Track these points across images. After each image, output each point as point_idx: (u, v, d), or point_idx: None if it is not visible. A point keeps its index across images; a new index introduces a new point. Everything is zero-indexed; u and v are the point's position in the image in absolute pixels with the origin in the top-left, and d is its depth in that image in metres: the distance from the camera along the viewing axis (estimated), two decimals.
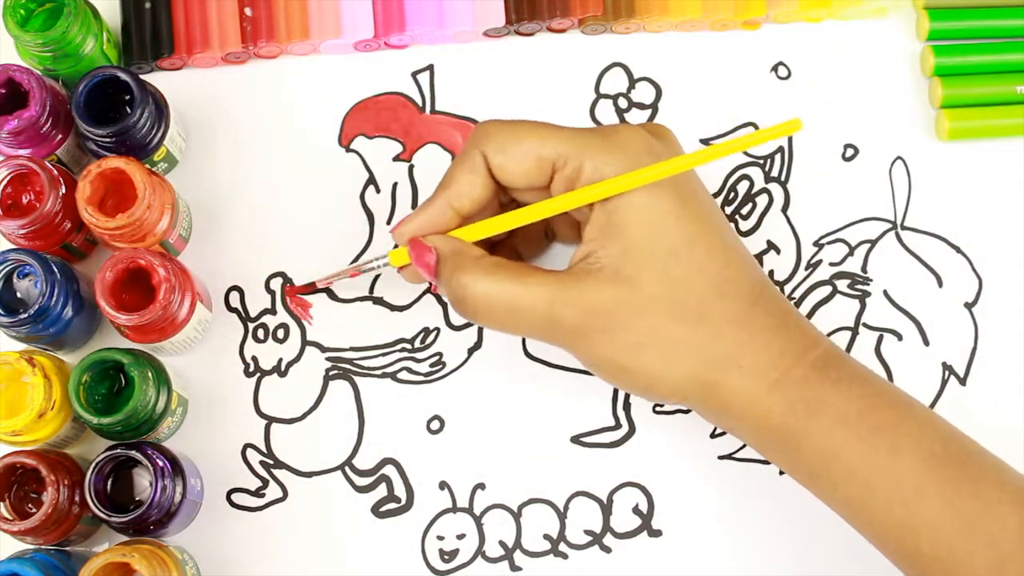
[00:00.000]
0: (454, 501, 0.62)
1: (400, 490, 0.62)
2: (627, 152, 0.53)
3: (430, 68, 0.65)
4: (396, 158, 0.65)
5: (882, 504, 0.52)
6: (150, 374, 0.57)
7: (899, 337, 0.63)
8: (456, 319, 0.63)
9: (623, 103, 0.65)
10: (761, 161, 0.65)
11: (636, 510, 0.62)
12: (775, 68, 0.66)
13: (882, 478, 0.52)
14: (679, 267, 0.53)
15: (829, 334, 0.63)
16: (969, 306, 0.64)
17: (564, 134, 0.54)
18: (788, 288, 0.64)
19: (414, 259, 0.56)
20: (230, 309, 0.63)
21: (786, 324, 0.54)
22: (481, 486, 0.62)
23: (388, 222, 0.64)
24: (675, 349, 0.53)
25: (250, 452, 0.62)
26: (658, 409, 0.62)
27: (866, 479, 0.52)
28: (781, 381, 0.53)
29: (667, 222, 0.53)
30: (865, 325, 0.63)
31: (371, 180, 0.64)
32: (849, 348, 0.63)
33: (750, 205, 0.64)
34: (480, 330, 0.63)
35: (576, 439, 0.62)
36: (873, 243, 0.64)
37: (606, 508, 0.62)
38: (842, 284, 0.64)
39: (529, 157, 0.54)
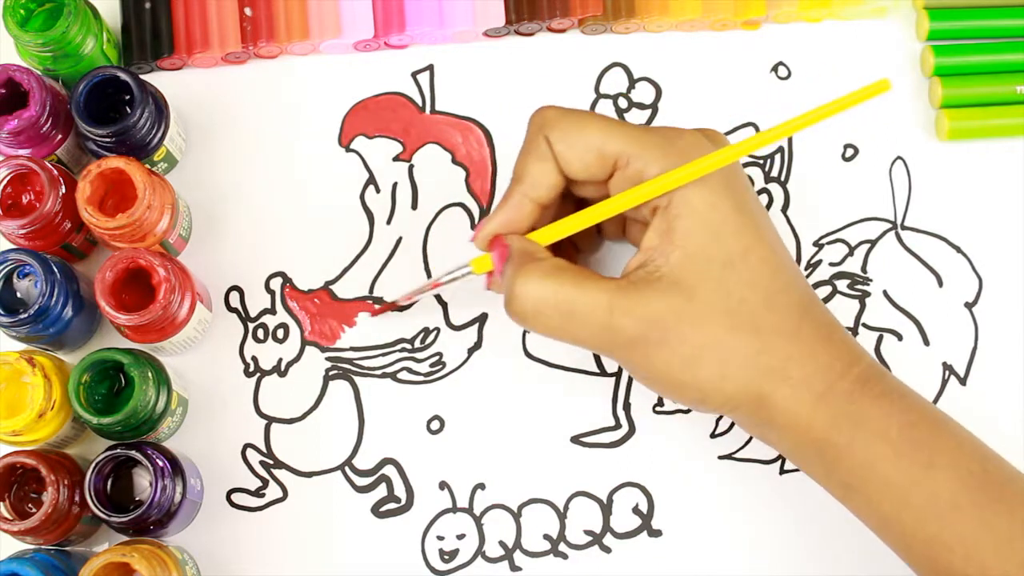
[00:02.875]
0: (454, 501, 0.62)
1: (400, 490, 0.62)
2: (690, 158, 0.53)
3: (430, 68, 0.65)
4: (396, 158, 0.65)
5: (916, 519, 0.51)
6: (150, 374, 0.57)
7: (899, 337, 0.63)
8: (456, 319, 0.63)
9: (623, 103, 0.65)
10: (761, 161, 0.65)
11: (636, 510, 0.62)
12: (775, 68, 0.66)
13: (918, 493, 0.51)
14: (734, 277, 0.52)
15: None
16: (969, 306, 0.64)
17: (627, 132, 0.54)
18: None
19: (496, 260, 0.55)
20: (230, 309, 0.63)
21: (832, 337, 0.54)
22: (481, 486, 0.62)
23: (388, 222, 0.64)
24: (730, 361, 0.52)
25: (250, 452, 0.62)
26: (658, 409, 0.62)
27: (902, 493, 0.51)
28: (827, 395, 0.52)
29: (725, 231, 0.52)
30: (865, 325, 0.63)
31: (371, 180, 0.64)
32: None
33: None
34: (480, 330, 0.63)
35: (576, 439, 0.62)
36: (873, 243, 0.64)
37: (606, 508, 0.62)
38: (842, 284, 0.64)
39: (591, 151, 0.54)
